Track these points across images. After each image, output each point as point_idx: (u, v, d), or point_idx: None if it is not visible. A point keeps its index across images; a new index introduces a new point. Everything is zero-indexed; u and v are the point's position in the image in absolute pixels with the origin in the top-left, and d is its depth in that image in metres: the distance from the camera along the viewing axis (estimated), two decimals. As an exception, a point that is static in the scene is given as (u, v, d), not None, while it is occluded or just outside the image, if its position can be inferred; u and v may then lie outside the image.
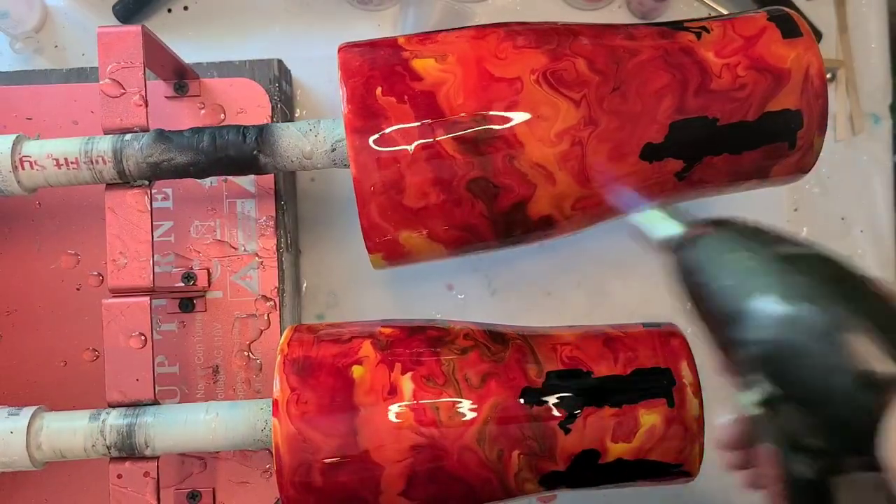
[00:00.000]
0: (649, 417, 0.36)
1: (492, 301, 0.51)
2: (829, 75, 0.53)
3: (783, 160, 0.38)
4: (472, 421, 0.35)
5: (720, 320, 0.23)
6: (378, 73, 0.36)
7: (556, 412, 0.36)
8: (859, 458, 0.19)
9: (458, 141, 0.35)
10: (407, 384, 0.35)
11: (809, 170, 0.38)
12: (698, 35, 0.37)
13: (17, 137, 0.37)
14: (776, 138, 0.37)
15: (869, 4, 0.54)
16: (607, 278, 0.52)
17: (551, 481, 0.36)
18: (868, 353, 0.18)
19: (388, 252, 0.37)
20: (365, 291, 0.51)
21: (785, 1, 0.51)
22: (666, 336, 0.39)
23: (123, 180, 0.37)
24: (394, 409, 0.35)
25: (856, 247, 0.53)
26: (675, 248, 0.26)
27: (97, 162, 0.36)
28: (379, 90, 0.35)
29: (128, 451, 0.36)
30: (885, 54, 0.54)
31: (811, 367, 0.19)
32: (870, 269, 0.52)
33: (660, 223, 0.27)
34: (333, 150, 0.37)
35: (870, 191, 0.53)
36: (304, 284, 0.51)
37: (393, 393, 0.35)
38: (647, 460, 0.36)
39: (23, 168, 0.37)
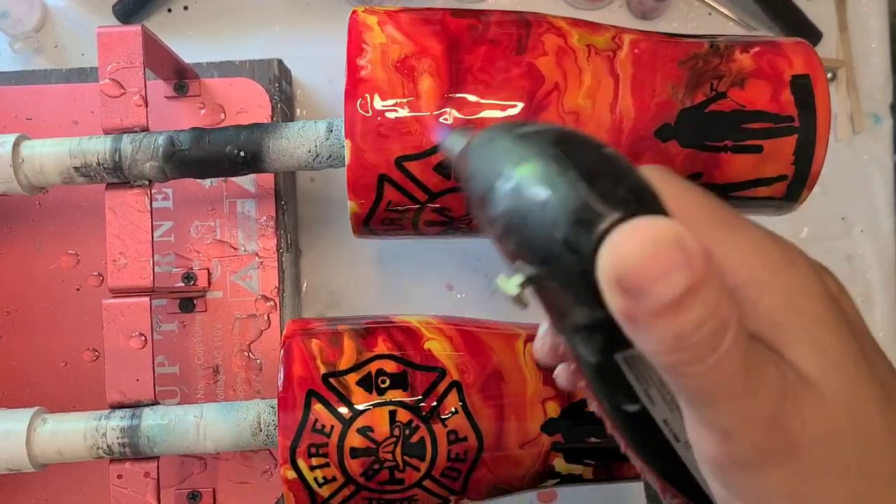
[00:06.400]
0: None
1: (492, 301, 0.51)
2: (829, 75, 0.53)
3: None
4: None
5: (477, 208, 0.21)
6: None
7: None
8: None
9: None
10: None
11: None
12: None
13: (17, 137, 0.37)
14: None
15: (869, 4, 0.53)
16: (607, 278, 0.52)
17: None
18: (580, 197, 0.17)
19: None
20: (365, 291, 0.51)
21: (785, 1, 0.51)
22: None
23: (123, 180, 0.37)
24: None
25: (856, 247, 0.53)
26: (456, 157, 0.25)
27: (97, 162, 0.36)
28: None
29: (128, 451, 0.36)
30: (885, 54, 0.54)
31: (540, 227, 0.18)
32: (870, 269, 0.53)
33: (452, 140, 0.26)
34: (330, 155, 0.37)
35: (870, 191, 0.53)
36: (304, 284, 0.51)
37: None
38: None
39: (23, 168, 0.37)
